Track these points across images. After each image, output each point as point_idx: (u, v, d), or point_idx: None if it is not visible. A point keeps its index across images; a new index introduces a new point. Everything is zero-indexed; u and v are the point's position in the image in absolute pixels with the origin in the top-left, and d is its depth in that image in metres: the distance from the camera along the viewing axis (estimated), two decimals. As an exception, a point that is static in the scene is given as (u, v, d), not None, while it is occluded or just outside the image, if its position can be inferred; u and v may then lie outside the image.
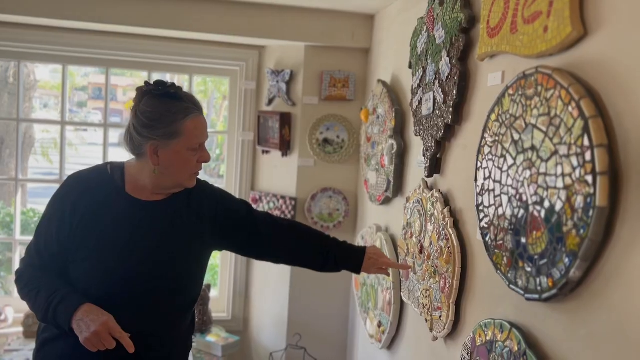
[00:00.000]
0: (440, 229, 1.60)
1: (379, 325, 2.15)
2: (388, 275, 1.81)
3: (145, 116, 1.41)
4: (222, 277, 3.02)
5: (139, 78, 1.48)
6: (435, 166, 1.71)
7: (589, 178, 0.94)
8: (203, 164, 1.52)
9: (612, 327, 0.91)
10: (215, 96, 6.23)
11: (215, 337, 2.59)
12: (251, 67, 2.86)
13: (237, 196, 2.95)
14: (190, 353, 2.49)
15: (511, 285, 1.17)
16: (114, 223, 1.44)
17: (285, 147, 2.70)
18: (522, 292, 1.13)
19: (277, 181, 2.81)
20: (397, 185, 2.08)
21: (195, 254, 1.55)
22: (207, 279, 3.26)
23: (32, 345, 2.59)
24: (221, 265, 3.02)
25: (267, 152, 2.82)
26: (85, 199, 1.45)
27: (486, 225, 1.30)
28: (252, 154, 2.92)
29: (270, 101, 2.78)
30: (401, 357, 1.99)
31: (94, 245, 1.42)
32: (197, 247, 1.55)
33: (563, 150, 1.01)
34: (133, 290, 1.43)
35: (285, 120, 2.67)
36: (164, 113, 1.40)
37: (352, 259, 1.68)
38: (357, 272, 1.69)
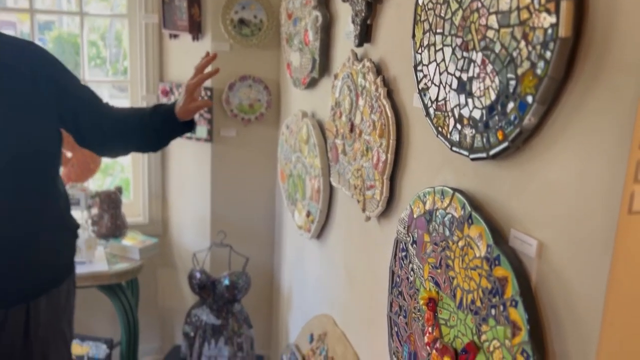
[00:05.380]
0: (373, 102, 1.46)
1: (308, 215, 2.05)
2: (209, 104, 1.71)
3: None
4: (134, 179, 2.78)
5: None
6: (365, 33, 1.53)
7: (551, 6, 0.80)
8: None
9: (568, 176, 0.82)
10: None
11: (132, 241, 2.41)
12: None
13: (144, 90, 2.67)
14: (104, 258, 2.31)
15: (454, 148, 1.06)
16: None
17: (195, 29, 2.40)
18: (466, 152, 1.02)
19: (189, 70, 2.49)
20: (324, 63, 1.89)
21: (22, 108, 1.36)
22: (118, 181, 3.01)
23: None
24: (132, 166, 2.76)
25: (176, 36, 2.51)
26: None
27: (426, 86, 1.17)
28: (157, 39, 2.58)
29: (175, -24, 2.42)
30: (332, 243, 1.92)
31: None
32: (24, 103, 1.36)
33: (520, -21, 0.86)
34: None
35: (194, -3, 2.35)
36: None
37: (167, 110, 1.58)
38: (180, 122, 1.58)
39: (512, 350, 0.86)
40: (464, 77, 1.02)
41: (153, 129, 1.56)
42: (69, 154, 2.41)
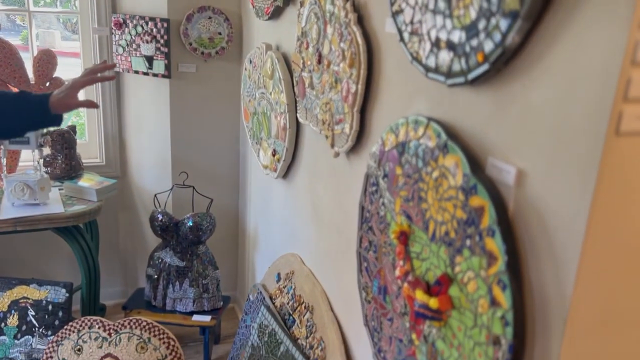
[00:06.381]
0: (342, 29, 1.37)
1: (274, 153, 1.98)
2: (95, 105, 1.55)
3: None
4: (89, 119, 2.63)
5: None
6: (334, -46, 1.42)
7: None
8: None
9: (551, 98, 0.77)
10: None
11: (89, 182, 2.29)
12: None
13: (96, 22, 2.48)
14: (59, 199, 2.20)
15: (430, 74, 1.00)
16: None
17: (149, -47, 2.21)
18: (443, 78, 0.96)
19: (144, 0, 2.34)
20: (288, -11, 1.77)
21: None
22: (70, 121, 2.85)
23: None
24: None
25: (127, -39, 2.31)
26: None
27: (400, 8, 1.09)
28: (108, -35, 2.38)
29: None
30: (299, 182, 1.87)
31: None
32: None
33: None
34: None
35: None
36: None
37: (37, 97, 1.42)
38: (50, 113, 1.42)
39: (488, 280, 0.84)
40: (443, -5, 0.94)
41: (15, 113, 1.42)
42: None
